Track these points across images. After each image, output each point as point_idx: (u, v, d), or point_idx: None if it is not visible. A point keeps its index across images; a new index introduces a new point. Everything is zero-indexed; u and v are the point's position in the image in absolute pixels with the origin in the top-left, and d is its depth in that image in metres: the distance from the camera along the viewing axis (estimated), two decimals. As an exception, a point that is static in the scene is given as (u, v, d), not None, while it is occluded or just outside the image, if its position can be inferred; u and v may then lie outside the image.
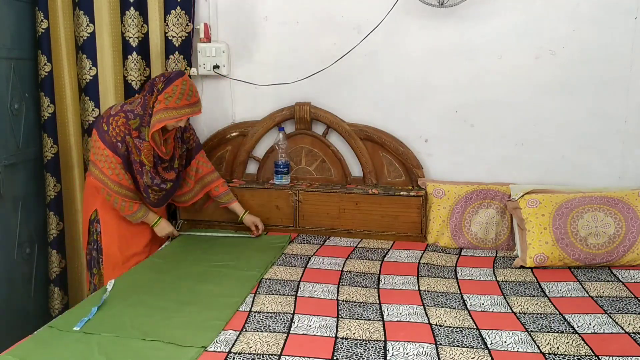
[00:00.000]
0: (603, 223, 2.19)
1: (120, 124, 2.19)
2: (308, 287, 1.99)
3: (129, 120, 2.20)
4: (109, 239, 2.31)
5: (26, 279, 2.61)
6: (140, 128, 2.22)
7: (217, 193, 2.53)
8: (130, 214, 2.30)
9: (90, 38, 2.60)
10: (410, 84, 2.58)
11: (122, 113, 2.20)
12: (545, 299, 1.92)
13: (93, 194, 2.32)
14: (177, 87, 2.17)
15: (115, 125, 2.18)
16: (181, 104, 2.17)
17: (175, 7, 2.57)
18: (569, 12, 2.41)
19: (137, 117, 2.21)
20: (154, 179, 2.29)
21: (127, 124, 2.19)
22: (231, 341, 1.59)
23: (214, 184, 2.52)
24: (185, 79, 2.20)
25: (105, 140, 2.19)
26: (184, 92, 2.17)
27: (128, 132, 2.20)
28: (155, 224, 2.39)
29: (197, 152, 2.49)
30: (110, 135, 2.18)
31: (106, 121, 2.20)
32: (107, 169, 2.20)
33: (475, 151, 2.59)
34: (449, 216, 2.47)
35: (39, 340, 1.59)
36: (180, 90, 2.17)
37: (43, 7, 2.52)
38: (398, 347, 1.56)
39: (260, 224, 2.54)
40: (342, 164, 2.68)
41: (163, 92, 2.17)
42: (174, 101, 2.16)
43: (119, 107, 2.23)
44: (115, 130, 2.18)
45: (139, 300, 1.85)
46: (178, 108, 2.17)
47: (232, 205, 2.55)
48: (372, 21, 2.51)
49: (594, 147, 2.50)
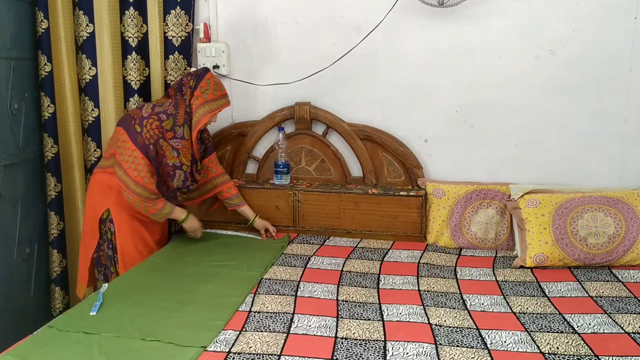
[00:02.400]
0: (603, 223, 2.19)
1: (155, 127, 2.18)
2: (308, 287, 1.99)
3: (163, 122, 2.20)
4: (124, 237, 2.28)
5: (26, 279, 2.61)
6: (174, 128, 2.23)
7: (228, 195, 2.51)
8: (155, 213, 2.26)
9: (90, 38, 2.60)
10: (410, 83, 2.58)
11: (155, 115, 2.20)
12: (545, 299, 1.92)
13: (104, 193, 2.28)
14: (209, 80, 2.26)
15: (150, 128, 2.18)
16: (218, 95, 2.27)
17: (175, 7, 2.57)
18: (569, 12, 2.41)
19: (169, 117, 2.22)
20: (186, 180, 2.30)
21: (161, 127, 2.19)
22: (231, 341, 1.59)
23: (226, 185, 2.51)
24: (212, 74, 2.30)
25: (137, 141, 2.17)
26: (217, 84, 2.29)
27: (162, 135, 2.20)
28: (184, 219, 2.37)
29: (211, 152, 2.50)
30: (144, 137, 2.17)
31: (139, 123, 2.18)
32: (133, 170, 2.17)
33: (475, 151, 2.59)
34: (448, 216, 2.47)
35: (39, 340, 1.59)
36: (214, 83, 2.27)
37: (43, 7, 2.52)
38: (398, 347, 1.56)
39: (271, 227, 2.53)
40: (341, 164, 2.68)
41: (198, 87, 2.23)
42: (212, 93, 2.24)
43: (150, 110, 2.22)
44: (150, 133, 2.18)
45: (139, 300, 1.85)
46: (216, 99, 2.26)
47: (242, 208, 2.53)
48: (372, 21, 2.51)
49: (594, 147, 2.50)
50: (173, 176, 2.26)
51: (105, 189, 2.28)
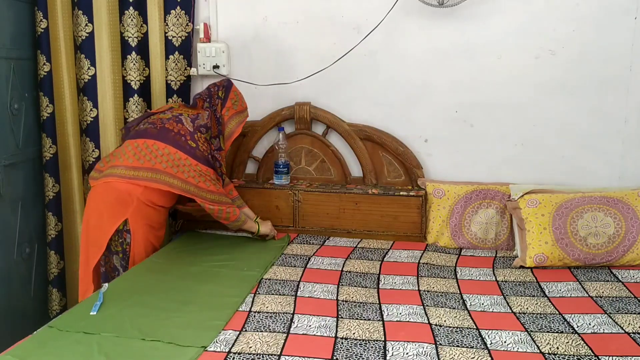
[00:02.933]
0: (603, 223, 2.19)
1: (204, 141, 2.25)
2: (308, 287, 1.99)
3: (204, 135, 2.27)
4: (138, 248, 2.20)
5: (25, 279, 2.61)
6: (211, 140, 2.29)
7: (231, 197, 2.47)
8: (235, 220, 2.30)
9: (89, 38, 2.59)
10: (410, 84, 2.58)
11: (198, 130, 2.25)
12: (545, 299, 1.92)
13: (124, 202, 2.14)
14: (236, 92, 2.40)
15: (202, 142, 2.24)
16: (245, 106, 2.43)
17: (175, 7, 2.57)
18: (569, 12, 2.41)
19: (208, 130, 2.28)
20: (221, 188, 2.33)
21: (206, 139, 2.27)
22: (231, 341, 1.59)
23: (227, 187, 2.48)
24: (235, 85, 2.43)
25: (197, 156, 2.20)
26: (241, 96, 2.43)
27: (209, 148, 2.27)
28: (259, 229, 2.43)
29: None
30: (201, 150, 2.22)
31: (191, 139, 2.21)
32: (204, 182, 2.19)
33: (475, 151, 2.59)
34: (448, 216, 2.47)
35: (39, 340, 1.59)
36: (240, 94, 2.42)
37: (42, 7, 2.52)
38: (398, 347, 1.56)
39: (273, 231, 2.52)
40: (341, 164, 2.68)
41: (228, 99, 2.33)
42: (241, 104, 2.39)
43: (191, 123, 2.25)
44: (205, 146, 2.24)
45: (139, 300, 1.85)
46: (243, 111, 2.41)
47: (244, 210, 2.51)
48: (372, 21, 2.51)
49: (594, 147, 2.50)
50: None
51: (126, 197, 2.14)
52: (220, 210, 2.24)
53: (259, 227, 2.42)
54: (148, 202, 2.17)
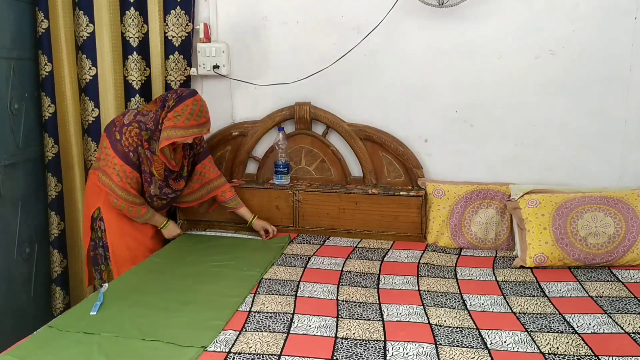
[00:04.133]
0: (603, 223, 2.19)
1: (134, 134, 2.20)
2: (308, 287, 1.99)
3: (142, 131, 2.21)
4: (114, 236, 2.33)
5: (26, 279, 2.61)
6: (150, 141, 2.23)
7: (223, 198, 2.51)
8: (137, 217, 2.33)
9: (90, 38, 2.60)
10: (410, 84, 2.58)
11: (136, 123, 2.21)
12: (545, 299, 1.92)
13: (96, 192, 2.32)
14: (187, 106, 2.17)
15: (128, 135, 2.19)
16: (189, 124, 2.17)
17: (175, 7, 2.57)
18: (569, 12, 2.41)
19: (148, 130, 2.22)
20: (162, 189, 2.32)
21: (140, 135, 2.21)
22: (231, 341, 1.59)
23: (221, 189, 2.50)
24: (196, 99, 2.20)
25: (117, 149, 2.20)
26: (194, 112, 2.17)
27: (140, 143, 2.21)
28: (164, 226, 2.43)
29: (204, 157, 2.48)
30: (123, 144, 2.19)
31: (119, 130, 2.20)
32: (116, 175, 2.21)
33: (475, 151, 2.59)
34: (448, 216, 2.47)
35: (39, 340, 1.59)
36: (190, 110, 2.17)
37: (43, 7, 2.52)
38: (398, 347, 1.56)
39: (270, 227, 2.53)
40: (341, 164, 2.68)
41: (173, 109, 2.18)
42: (182, 121, 2.16)
43: (133, 117, 2.23)
44: (128, 140, 2.19)
45: (139, 300, 1.85)
46: (185, 128, 2.16)
47: (240, 210, 2.53)
48: (372, 21, 2.51)
49: (594, 147, 2.50)
50: (150, 183, 2.29)
51: (96, 188, 2.31)
52: (122, 207, 2.26)
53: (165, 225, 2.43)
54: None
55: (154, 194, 2.32)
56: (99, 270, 2.40)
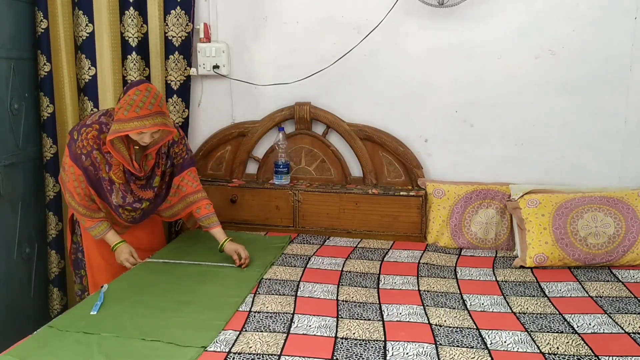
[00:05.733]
0: (603, 223, 2.19)
1: (90, 137, 2.00)
2: (308, 287, 1.99)
3: (102, 133, 2.00)
4: (88, 242, 2.22)
5: (26, 279, 2.61)
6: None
7: (197, 215, 2.24)
8: (85, 229, 2.16)
9: (90, 38, 2.59)
10: (410, 84, 2.58)
11: (97, 125, 2.01)
12: (545, 299, 1.92)
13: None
14: (129, 97, 1.92)
15: (84, 137, 2.01)
16: (129, 117, 1.90)
17: (175, 7, 2.57)
18: (569, 12, 2.41)
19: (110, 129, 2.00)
20: (126, 197, 2.08)
21: (98, 138, 2.00)
22: (231, 341, 1.59)
23: (196, 205, 2.23)
24: (140, 89, 1.93)
25: (71, 149, 2.04)
26: (134, 103, 1.90)
27: (97, 147, 2.01)
28: (114, 247, 2.15)
29: (183, 169, 2.23)
30: (77, 146, 2.02)
31: (78, 130, 2.04)
32: (66, 176, 2.07)
33: (475, 151, 2.59)
34: (448, 216, 2.47)
35: (39, 340, 1.59)
36: (130, 100, 1.91)
37: (42, 7, 2.52)
38: (398, 347, 1.56)
39: (244, 252, 2.17)
40: (341, 164, 2.68)
41: (119, 101, 1.98)
42: (122, 113, 1.91)
43: (97, 117, 2.05)
44: (83, 143, 2.01)
45: (138, 300, 1.85)
46: (125, 121, 1.91)
47: (213, 230, 2.23)
48: (372, 21, 2.51)
49: (594, 147, 2.50)
50: (111, 191, 2.07)
51: None
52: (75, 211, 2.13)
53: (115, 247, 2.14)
54: None
55: (117, 205, 2.09)
56: (79, 274, 2.32)
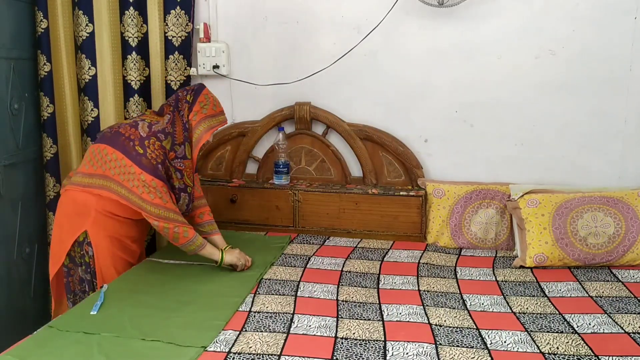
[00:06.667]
0: (603, 223, 2.19)
1: (157, 147, 2.01)
2: (308, 287, 1.99)
3: (162, 142, 2.03)
4: (104, 260, 2.07)
5: (25, 279, 2.61)
6: (174, 147, 2.06)
7: (200, 220, 2.26)
8: (185, 243, 2.02)
9: (90, 38, 2.59)
10: (410, 83, 2.58)
11: (154, 136, 2.02)
12: (545, 298, 1.92)
13: (81, 213, 2.04)
14: (208, 96, 2.16)
15: (153, 149, 2.00)
16: (217, 111, 2.17)
17: (174, 7, 2.57)
18: (568, 12, 2.41)
19: (168, 136, 2.05)
20: (190, 203, 2.15)
21: (162, 147, 2.02)
22: (231, 341, 1.59)
23: (199, 210, 2.27)
24: (208, 89, 2.20)
25: (143, 164, 1.96)
26: (215, 100, 2.19)
27: (165, 157, 2.03)
28: (222, 259, 2.09)
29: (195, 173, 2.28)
30: (149, 157, 1.98)
31: (140, 144, 1.98)
32: (148, 193, 1.96)
33: (475, 151, 2.59)
34: (448, 216, 2.47)
35: (39, 340, 1.59)
36: (212, 98, 2.18)
37: (42, 7, 2.52)
38: (398, 347, 1.56)
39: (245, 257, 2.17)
40: (341, 164, 2.68)
41: (197, 102, 2.12)
42: (211, 108, 2.14)
43: (147, 129, 2.03)
44: (155, 153, 1.99)
45: (138, 300, 1.85)
46: (216, 115, 2.15)
47: (215, 236, 2.24)
48: (372, 21, 2.51)
49: (594, 147, 2.50)
50: (178, 199, 2.09)
51: (82, 208, 2.04)
52: (166, 229, 1.98)
53: (223, 255, 2.10)
54: (105, 212, 2.03)
55: (181, 212, 2.10)
56: (71, 299, 2.17)
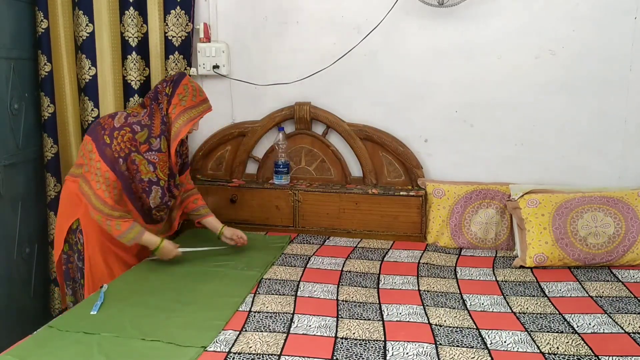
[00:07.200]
0: (603, 223, 2.19)
1: (127, 140, 2.01)
2: (308, 287, 1.99)
3: (136, 134, 2.03)
4: (92, 250, 2.12)
5: (26, 279, 2.61)
6: (150, 140, 2.05)
7: (194, 206, 2.34)
8: (118, 235, 2.05)
9: (90, 38, 2.59)
10: (410, 84, 2.58)
11: (128, 127, 2.03)
12: (545, 298, 1.92)
13: (74, 202, 2.12)
14: (187, 86, 2.10)
15: (120, 140, 2.01)
16: (197, 101, 2.11)
17: (174, 7, 2.57)
18: (569, 12, 2.41)
19: (144, 128, 2.05)
20: (164, 196, 2.14)
21: (133, 139, 2.03)
22: (231, 341, 1.59)
23: (192, 197, 2.35)
24: (189, 78, 2.14)
25: (105, 153, 2.00)
26: (195, 89, 2.13)
27: (135, 149, 2.03)
28: (158, 248, 2.11)
29: (187, 167, 2.36)
30: (113, 149, 2.00)
31: (109, 134, 2.01)
32: (96, 182, 2.00)
33: (475, 151, 2.59)
34: (448, 216, 2.47)
35: (39, 340, 1.59)
36: (191, 88, 2.11)
37: (43, 7, 2.52)
38: (398, 347, 1.56)
39: (241, 232, 2.31)
40: (341, 164, 2.68)
41: (175, 94, 2.08)
42: (190, 99, 2.09)
43: (123, 120, 2.05)
44: (120, 146, 2.01)
45: (139, 300, 1.85)
46: (196, 105, 2.10)
47: (209, 218, 2.32)
48: (372, 21, 2.51)
49: (594, 147, 2.50)
50: (149, 192, 2.09)
51: (75, 197, 2.11)
52: (100, 221, 2.02)
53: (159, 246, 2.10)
54: None
55: (154, 206, 2.13)
56: (70, 285, 2.25)
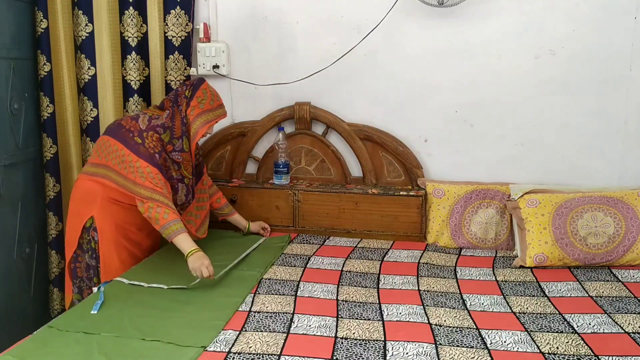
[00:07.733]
0: (603, 223, 2.19)
1: (156, 139, 2.12)
2: (308, 287, 1.99)
3: (161, 135, 2.15)
4: (107, 247, 2.17)
5: (26, 279, 2.61)
6: (173, 141, 2.17)
7: (219, 205, 2.48)
8: (164, 224, 2.02)
9: (89, 38, 2.59)
10: (410, 83, 2.58)
11: (152, 130, 2.13)
12: (545, 298, 1.92)
13: (88, 200, 2.17)
14: (205, 90, 2.23)
15: (151, 140, 2.11)
16: (215, 105, 2.23)
17: (174, 6, 2.57)
18: (569, 12, 2.41)
19: (166, 129, 2.16)
20: (189, 194, 2.25)
21: (160, 139, 2.14)
22: (231, 341, 1.59)
23: (215, 196, 2.48)
24: (207, 84, 2.26)
25: (140, 152, 2.08)
26: (213, 94, 2.25)
27: (163, 148, 2.14)
28: (191, 253, 2.00)
29: (203, 165, 2.44)
30: (147, 147, 2.10)
31: (139, 135, 2.11)
32: (140, 176, 2.07)
33: (475, 151, 2.59)
34: (448, 216, 2.47)
35: (39, 340, 1.59)
36: (210, 93, 2.23)
37: (42, 7, 2.52)
38: (398, 347, 1.56)
39: (264, 223, 2.55)
40: (341, 164, 2.68)
41: (194, 97, 2.19)
42: (208, 103, 2.21)
43: (147, 122, 2.15)
44: (152, 144, 2.11)
45: (139, 300, 1.85)
46: (213, 109, 2.22)
47: (235, 216, 2.51)
48: (371, 21, 2.51)
49: (594, 147, 2.50)
50: (177, 190, 2.21)
51: (89, 195, 2.17)
52: (150, 208, 2.04)
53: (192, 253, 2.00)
54: (110, 199, 2.15)
55: (179, 204, 2.22)
56: (77, 284, 2.27)
